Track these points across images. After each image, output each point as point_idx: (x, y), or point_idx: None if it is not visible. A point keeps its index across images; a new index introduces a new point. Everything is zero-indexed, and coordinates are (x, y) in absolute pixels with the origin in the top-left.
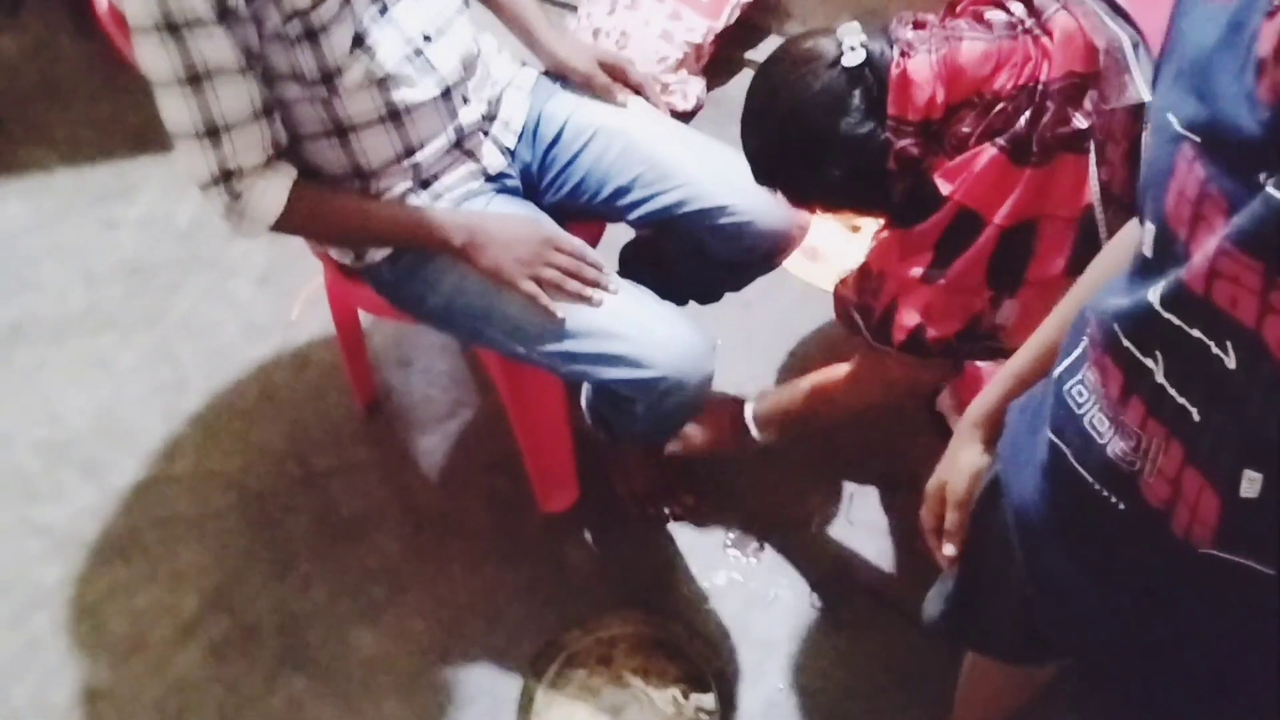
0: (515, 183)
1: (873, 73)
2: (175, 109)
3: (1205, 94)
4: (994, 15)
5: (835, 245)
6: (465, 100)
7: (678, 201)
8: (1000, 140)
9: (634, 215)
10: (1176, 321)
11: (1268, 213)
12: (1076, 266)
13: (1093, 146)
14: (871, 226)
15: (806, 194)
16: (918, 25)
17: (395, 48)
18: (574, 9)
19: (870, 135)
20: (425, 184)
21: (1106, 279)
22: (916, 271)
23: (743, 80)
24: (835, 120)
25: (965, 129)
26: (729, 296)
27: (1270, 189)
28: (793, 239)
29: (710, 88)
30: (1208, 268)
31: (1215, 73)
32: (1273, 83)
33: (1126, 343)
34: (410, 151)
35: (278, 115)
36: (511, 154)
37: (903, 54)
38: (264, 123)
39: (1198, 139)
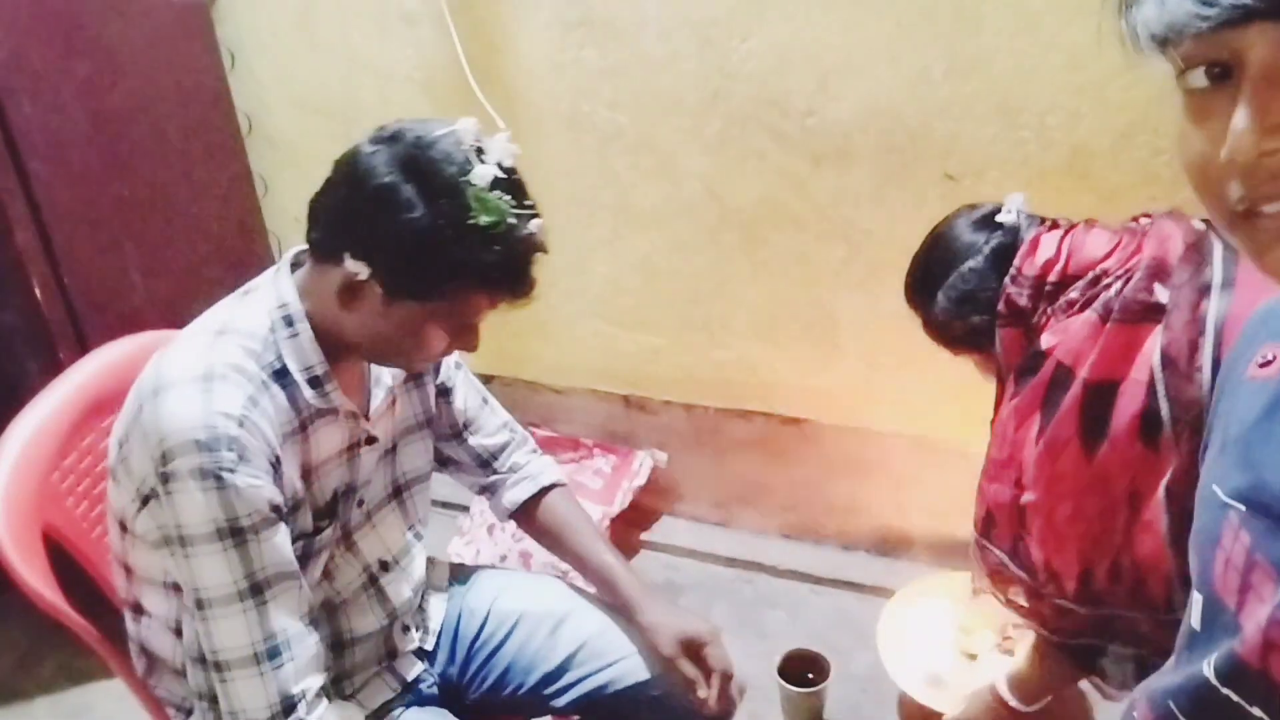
0: (432, 688)
1: (1013, 234)
2: (234, 629)
3: (1250, 464)
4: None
5: (957, 672)
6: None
7: (610, 680)
8: (1097, 306)
9: (563, 701)
10: (1235, 698)
11: None
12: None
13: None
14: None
15: (931, 317)
16: (1056, 226)
17: (353, 576)
18: (466, 509)
19: (989, 277)
20: (346, 698)
21: None
22: (1033, 430)
23: (641, 560)
24: (971, 255)
25: (1075, 295)
26: None
27: None
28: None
29: None
30: (1261, 639)
31: (1260, 444)
32: None
33: None
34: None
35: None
36: (429, 657)
37: (1043, 225)
38: (316, 635)
39: (1243, 507)
